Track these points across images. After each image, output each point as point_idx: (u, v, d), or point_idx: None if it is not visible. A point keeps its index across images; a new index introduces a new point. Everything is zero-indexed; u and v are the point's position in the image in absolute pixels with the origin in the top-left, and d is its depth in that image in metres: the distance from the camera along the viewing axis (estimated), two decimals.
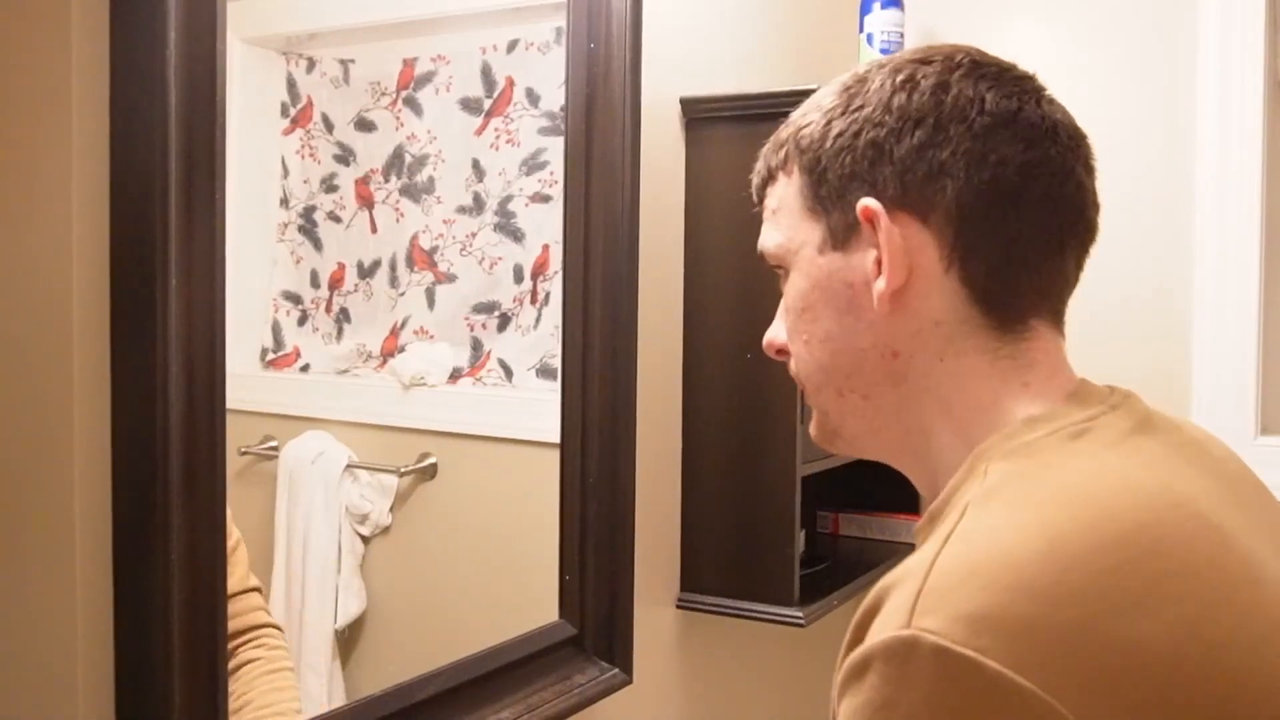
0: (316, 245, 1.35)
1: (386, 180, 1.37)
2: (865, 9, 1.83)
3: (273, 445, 1.29)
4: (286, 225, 1.34)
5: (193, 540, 0.83)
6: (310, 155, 1.34)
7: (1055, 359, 0.72)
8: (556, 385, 1.35)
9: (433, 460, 1.36)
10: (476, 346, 1.40)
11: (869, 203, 0.70)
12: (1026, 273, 0.70)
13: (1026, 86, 0.71)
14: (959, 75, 0.70)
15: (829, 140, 0.72)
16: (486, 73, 1.39)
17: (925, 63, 0.71)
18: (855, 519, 1.97)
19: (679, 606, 1.56)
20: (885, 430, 0.75)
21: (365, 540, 1.34)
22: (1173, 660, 0.54)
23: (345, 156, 1.35)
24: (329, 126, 1.34)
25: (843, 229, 0.72)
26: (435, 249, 1.38)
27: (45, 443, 0.82)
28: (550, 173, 1.37)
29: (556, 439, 1.35)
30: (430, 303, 1.38)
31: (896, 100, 0.70)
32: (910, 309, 0.70)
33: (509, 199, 1.38)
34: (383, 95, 1.37)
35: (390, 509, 1.34)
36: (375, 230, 1.37)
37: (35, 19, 0.80)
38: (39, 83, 0.81)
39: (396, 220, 1.37)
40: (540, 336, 1.39)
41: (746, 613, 1.52)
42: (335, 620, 1.30)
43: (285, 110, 1.34)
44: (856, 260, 0.71)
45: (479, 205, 1.39)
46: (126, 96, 0.81)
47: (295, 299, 1.35)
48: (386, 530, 1.34)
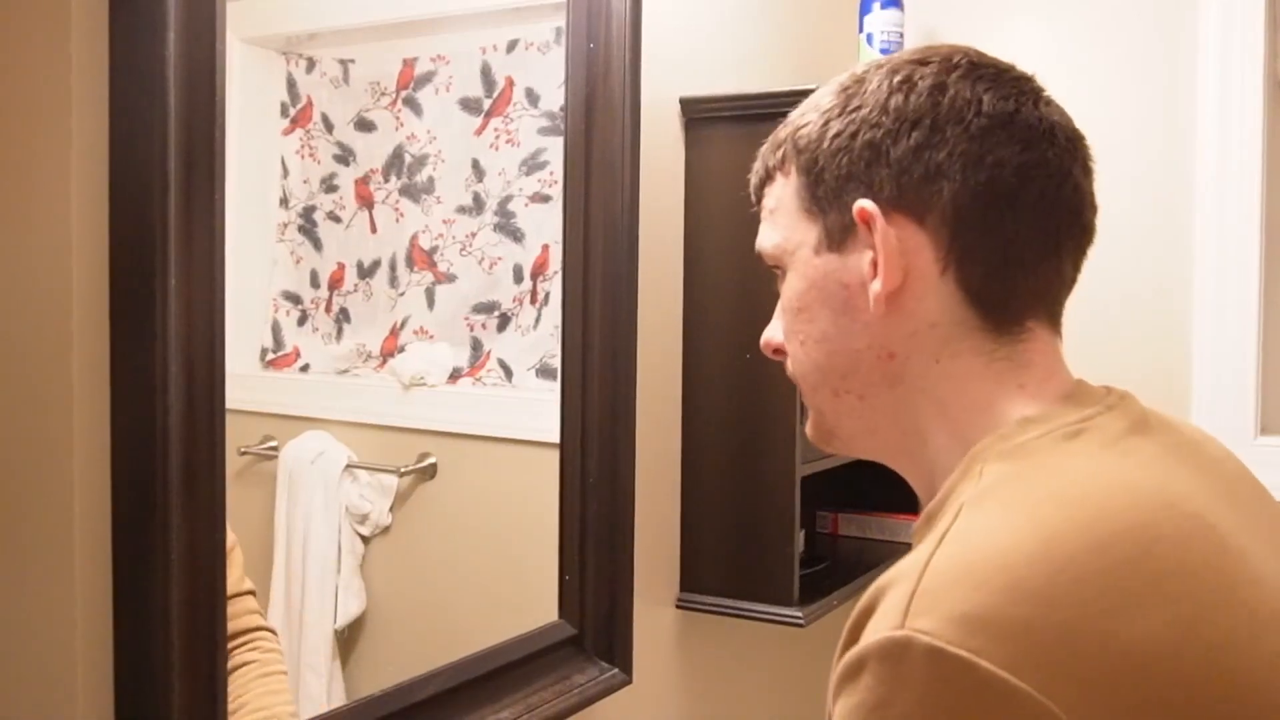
0: (316, 245, 1.35)
1: (386, 180, 1.37)
2: (865, 9, 1.83)
3: (272, 445, 1.29)
4: (286, 225, 1.35)
5: (192, 540, 0.83)
6: (310, 155, 1.34)
7: (1052, 360, 0.72)
8: (556, 385, 1.35)
9: (432, 460, 1.36)
10: (476, 346, 1.40)
11: (865, 204, 0.70)
12: (1023, 274, 0.70)
13: (1024, 88, 0.71)
14: (956, 76, 0.70)
15: (826, 141, 0.72)
16: (486, 73, 1.39)
17: (923, 64, 0.71)
18: (854, 519, 1.97)
19: (679, 606, 1.56)
20: (881, 431, 0.75)
21: (365, 540, 1.34)
22: (1168, 660, 0.54)
23: (345, 156, 1.35)
24: (329, 126, 1.34)
25: (839, 230, 0.72)
26: (435, 249, 1.38)
27: (45, 442, 0.82)
28: (550, 173, 1.37)
29: (556, 439, 1.35)
30: (430, 303, 1.38)
31: (893, 101, 0.70)
32: (906, 310, 0.70)
33: (509, 199, 1.38)
34: (382, 95, 1.37)
35: (390, 509, 1.34)
36: (375, 230, 1.37)
37: (34, 19, 0.80)
38: (38, 82, 0.81)
39: (396, 220, 1.37)
40: (540, 336, 1.39)
41: (746, 613, 1.52)
42: (335, 620, 1.30)
43: (285, 110, 1.34)
44: (853, 261, 0.71)
45: (479, 205, 1.39)
46: (126, 96, 0.81)
47: (295, 299, 1.35)
48: (386, 530, 1.34)
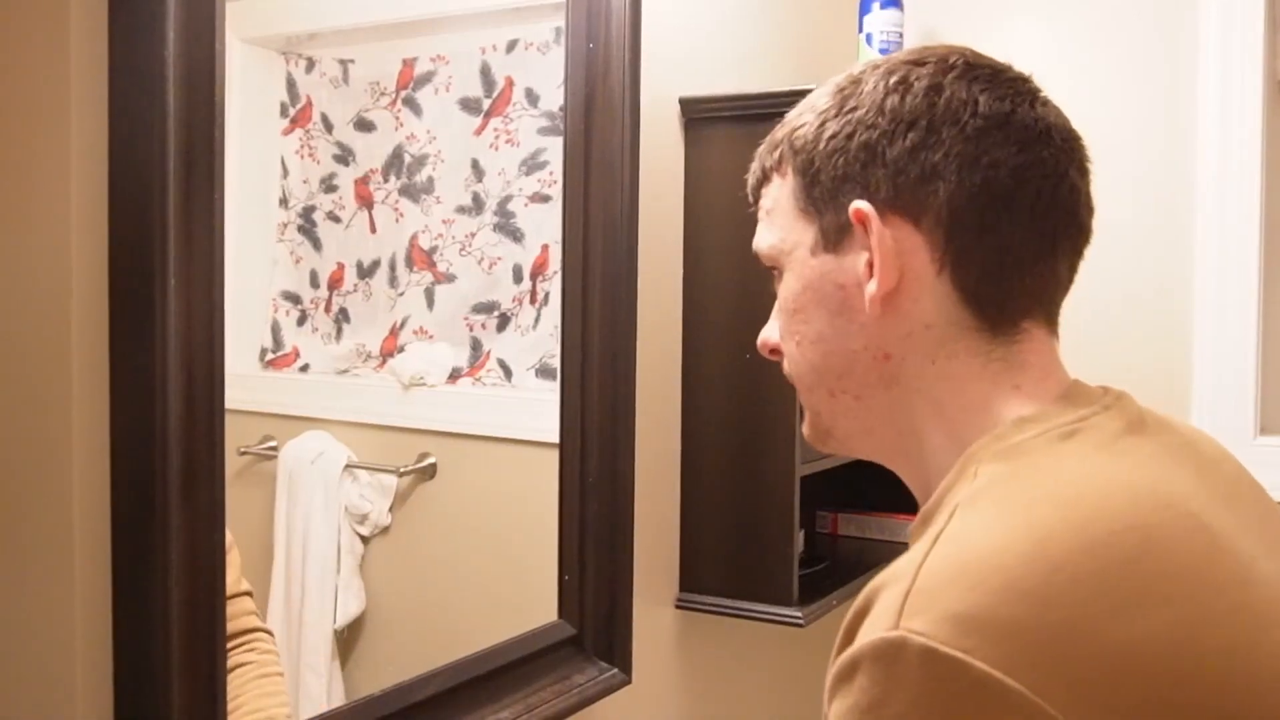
0: (316, 245, 1.35)
1: (386, 180, 1.37)
2: (865, 9, 1.83)
3: (272, 445, 1.29)
4: (286, 225, 1.35)
5: (192, 540, 0.83)
6: (310, 155, 1.34)
7: (1048, 361, 0.72)
8: (556, 385, 1.35)
9: (432, 460, 1.36)
10: (476, 346, 1.40)
11: (861, 205, 0.70)
12: (1019, 275, 0.70)
13: (1021, 88, 0.71)
14: (952, 77, 0.70)
15: (822, 142, 0.72)
16: (486, 73, 1.39)
17: (919, 64, 0.71)
18: (854, 519, 1.97)
19: (678, 606, 1.56)
20: (877, 431, 0.75)
21: (365, 540, 1.34)
22: (1162, 661, 0.54)
23: (345, 156, 1.35)
24: (328, 126, 1.35)
25: (835, 230, 0.72)
26: (434, 249, 1.38)
27: (44, 443, 0.82)
28: (549, 173, 1.37)
29: (556, 439, 1.35)
30: (430, 303, 1.38)
31: (889, 102, 0.70)
32: (901, 311, 0.70)
33: (508, 199, 1.39)
34: (382, 95, 1.37)
35: (390, 509, 1.34)
36: (374, 230, 1.37)
37: (34, 19, 0.80)
38: (38, 82, 0.81)
39: (396, 220, 1.37)
40: (539, 336, 1.39)
41: (745, 613, 1.52)
42: (335, 620, 1.31)
43: (285, 110, 1.34)
44: (848, 262, 0.71)
45: (478, 205, 1.39)
46: (125, 96, 0.81)
47: (295, 299, 1.35)
48: (386, 530, 1.34)
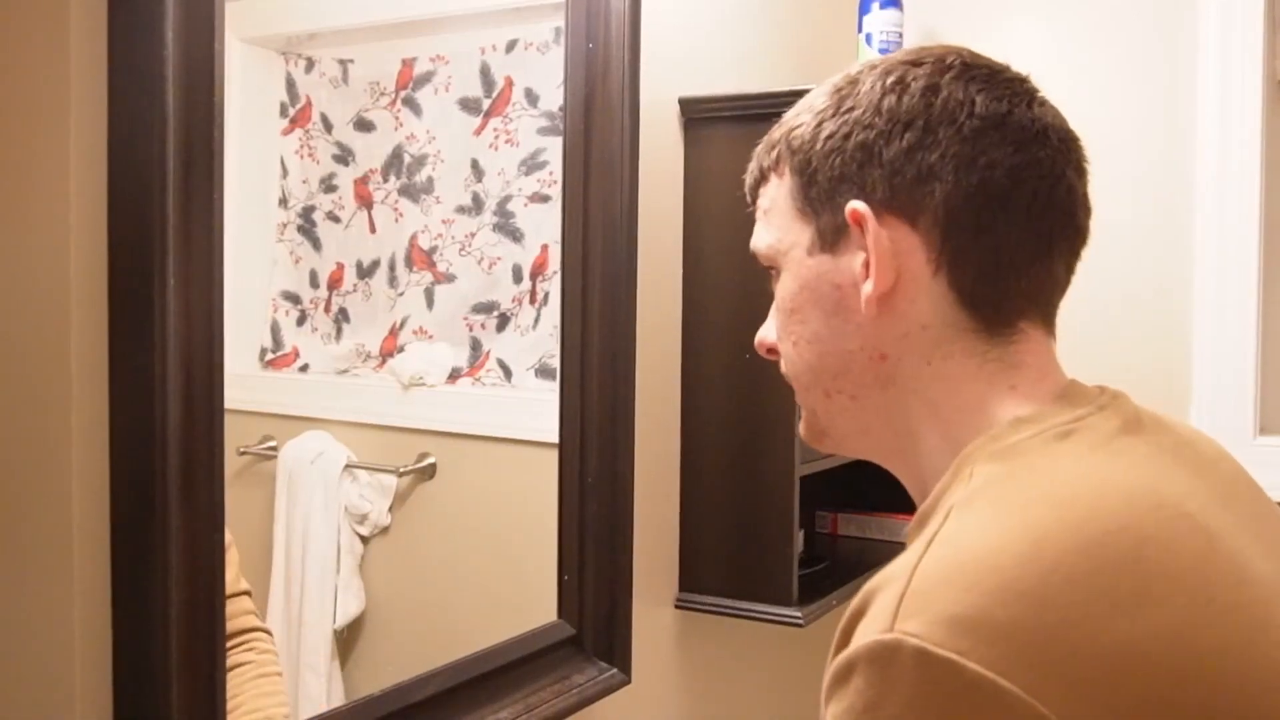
0: (315, 245, 1.35)
1: (385, 180, 1.37)
2: (864, 9, 1.83)
3: (272, 445, 1.29)
4: (285, 225, 1.35)
5: (191, 540, 0.83)
6: (309, 155, 1.35)
7: (1044, 361, 0.72)
8: (555, 385, 1.35)
9: (432, 460, 1.36)
10: (475, 346, 1.40)
11: (857, 205, 0.70)
12: (1015, 276, 0.70)
13: (1018, 89, 0.71)
14: (949, 77, 0.70)
15: (819, 142, 0.72)
16: (485, 73, 1.39)
17: (916, 64, 0.71)
18: (854, 519, 1.97)
19: (678, 606, 1.56)
20: (874, 431, 0.75)
21: (364, 540, 1.34)
22: (1157, 662, 0.54)
23: (344, 156, 1.36)
24: (328, 126, 1.35)
25: (832, 231, 0.72)
26: (434, 249, 1.38)
27: (44, 443, 0.82)
28: (549, 173, 1.37)
29: (555, 439, 1.35)
30: (429, 303, 1.38)
31: (886, 102, 0.70)
32: (898, 312, 0.70)
33: (508, 199, 1.39)
34: (382, 95, 1.37)
35: (389, 509, 1.34)
36: (374, 230, 1.37)
37: (33, 18, 0.81)
38: (37, 82, 0.81)
39: (395, 220, 1.37)
40: (539, 336, 1.39)
41: (745, 613, 1.52)
42: (334, 620, 1.31)
43: (284, 110, 1.34)
44: (845, 262, 0.71)
45: (478, 205, 1.39)
46: (125, 96, 0.81)
47: (294, 299, 1.35)
48: (385, 530, 1.34)
